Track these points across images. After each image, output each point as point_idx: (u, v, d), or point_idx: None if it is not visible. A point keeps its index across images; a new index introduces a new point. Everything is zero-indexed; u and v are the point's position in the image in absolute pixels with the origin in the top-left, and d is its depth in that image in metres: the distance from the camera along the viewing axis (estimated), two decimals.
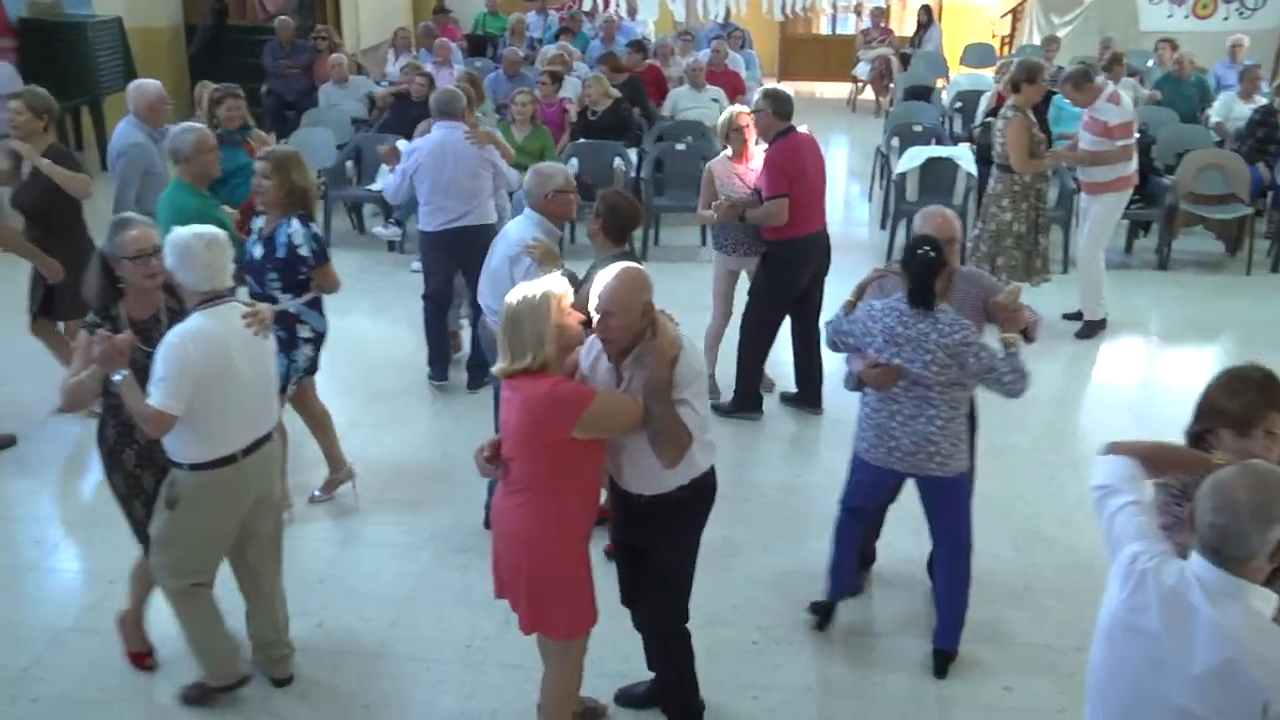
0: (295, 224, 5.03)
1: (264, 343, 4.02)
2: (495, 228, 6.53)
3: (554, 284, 3.50)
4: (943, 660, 4.46)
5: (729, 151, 6.54)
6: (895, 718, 4.20)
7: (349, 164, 10.02)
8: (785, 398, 6.75)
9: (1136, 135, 7.81)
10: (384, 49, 14.12)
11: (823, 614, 4.75)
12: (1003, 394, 4.13)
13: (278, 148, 5.36)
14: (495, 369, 3.55)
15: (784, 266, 6.30)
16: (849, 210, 11.66)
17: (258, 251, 5.10)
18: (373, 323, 8.11)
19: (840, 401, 6.09)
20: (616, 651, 4.30)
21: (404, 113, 9.76)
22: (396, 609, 4.83)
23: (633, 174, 9.83)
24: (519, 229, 5.16)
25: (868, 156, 12.43)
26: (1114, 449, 2.97)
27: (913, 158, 9.65)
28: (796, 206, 6.14)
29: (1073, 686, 4.32)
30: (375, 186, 9.19)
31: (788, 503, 5.71)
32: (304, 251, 5.02)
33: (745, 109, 6.63)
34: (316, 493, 5.64)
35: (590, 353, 3.64)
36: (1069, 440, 6.45)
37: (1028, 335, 4.39)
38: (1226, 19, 15.24)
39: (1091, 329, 7.96)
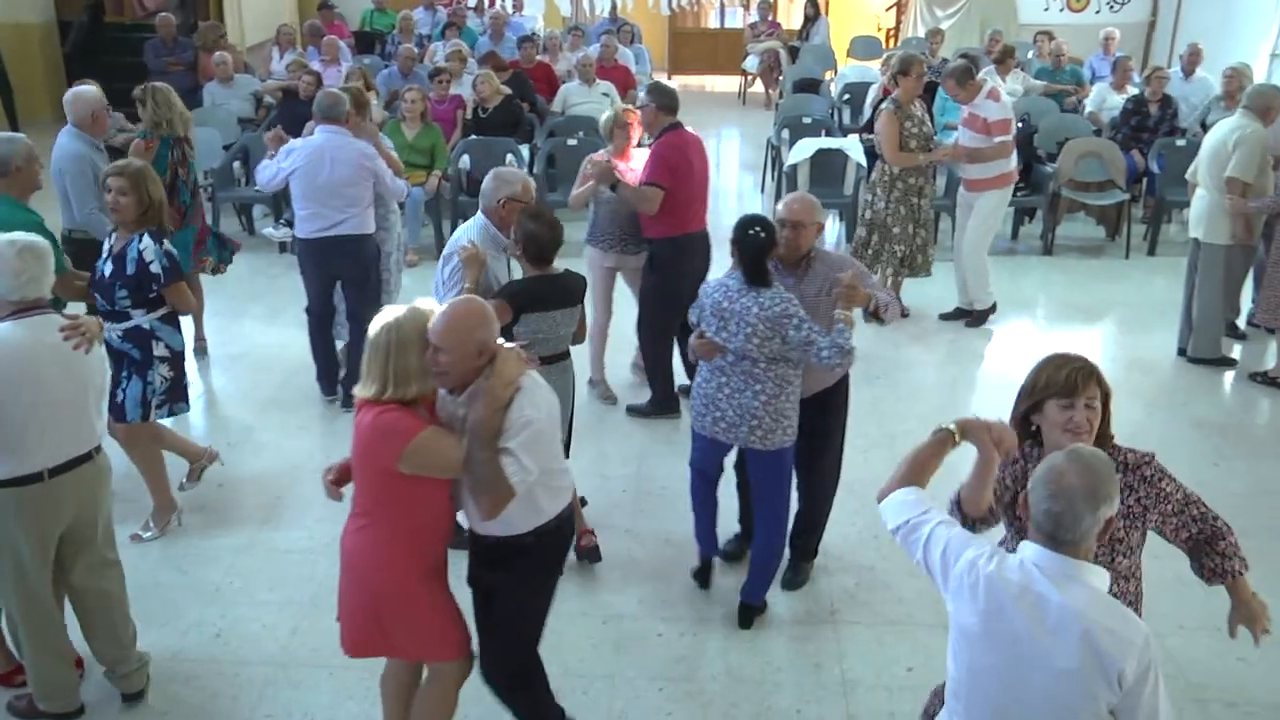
0: (146, 240, 4.83)
1: (86, 357, 3.83)
2: (374, 239, 6.49)
3: (418, 317, 3.34)
4: (747, 613, 4.70)
5: (610, 149, 6.55)
6: (800, 702, 4.26)
7: (236, 165, 9.80)
8: (682, 390, 6.78)
9: (1015, 131, 7.96)
10: (269, 47, 13.83)
11: (699, 576, 4.93)
12: (821, 367, 4.30)
13: (128, 162, 5.11)
14: (354, 390, 3.42)
15: (670, 265, 6.27)
16: (742, 202, 11.77)
17: (107, 269, 4.89)
18: (265, 328, 7.95)
19: None
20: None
21: (291, 112, 9.56)
22: (298, 615, 4.74)
23: (525, 170, 9.79)
24: (464, 230, 5.14)
25: (759, 149, 12.56)
26: (885, 493, 2.96)
27: (803, 149, 9.79)
28: (681, 203, 6.14)
29: None
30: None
31: (688, 497, 5.72)
32: (155, 268, 4.83)
33: (631, 106, 6.65)
34: (141, 532, 5.28)
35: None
36: (925, 418, 6.58)
37: (880, 316, 4.54)
38: (1098, 12, 15.84)
39: (982, 317, 8.14)
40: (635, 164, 6.41)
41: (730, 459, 4.83)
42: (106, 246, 5.00)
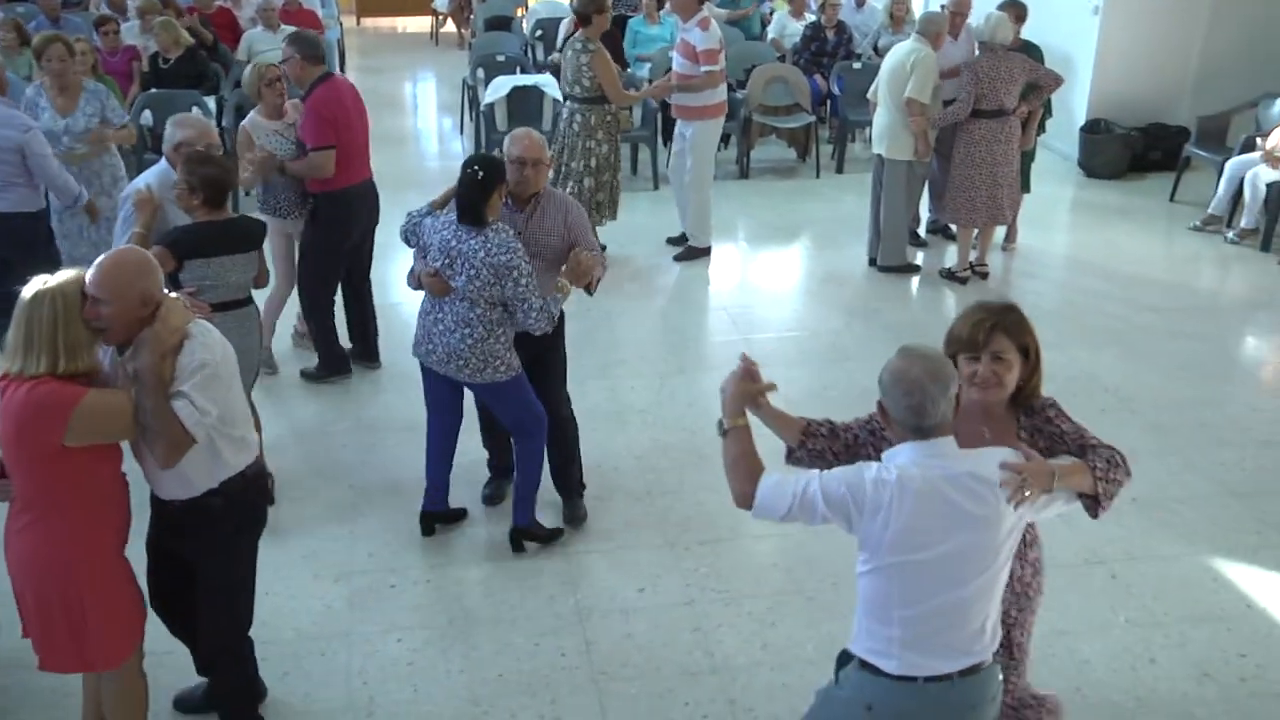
0: None
1: None
2: (40, 216, 6.00)
3: (77, 280, 3.08)
4: (515, 537, 4.79)
5: (260, 110, 6.04)
6: (537, 635, 4.31)
7: None
8: (352, 352, 6.49)
9: (723, 62, 7.99)
10: None
11: (423, 522, 4.90)
12: (521, 326, 4.37)
13: None
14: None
15: (333, 220, 5.98)
16: (444, 145, 11.60)
17: None
18: None
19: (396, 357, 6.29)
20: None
21: None
22: None
23: (214, 123, 9.25)
24: (144, 175, 4.92)
25: (456, 89, 12.37)
26: (746, 500, 2.84)
27: (499, 88, 9.71)
28: (342, 157, 5.84)
29: (698, 579, 4.61)
30: None
31: (405, 446, 5.62)
32: None
33: (274, 62, 6.21)
34: None
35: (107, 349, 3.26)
36: (675, 348, 6.79)
37: (590, 290, 4.64)
38: None
39: (694, 254, 8.22)
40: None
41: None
42: None
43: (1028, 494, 2.64)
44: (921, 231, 8.59)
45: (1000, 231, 8.18)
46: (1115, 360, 6.63)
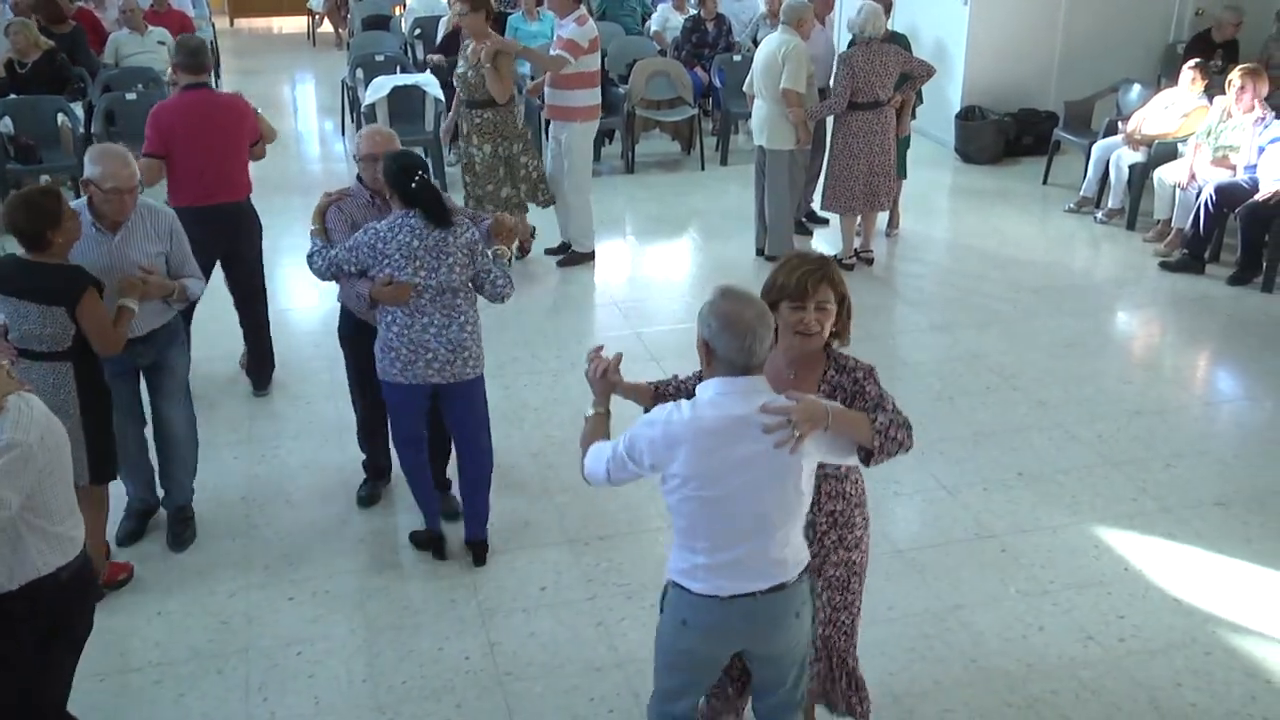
0: None
1: None
2: None
3: None
4: (478, 550, 4.72)
5: None
6: (440, 639, 4.27)
7: None
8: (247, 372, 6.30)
9: (600, 65, 7.95)
10: None
11: (430, 545, 4.77)
12: (491, 296, 4.44)
13: None
14: None
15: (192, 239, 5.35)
16: (326, 147, 11.41)
17: None
18: None
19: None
20: None
21: None
22: None
23: (81, 129, 8.97)
24: None
25: (335, 91, 12.17)
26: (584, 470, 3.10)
27: (379, 88, 9.58)
28: (193, 172, 5.55)
29: (599, 574, 4.63)
30: None
31: (295, 455, 5.55)
32: None
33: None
34: None
35: None
36: (567, 343, 6.78)
37: (524, 248, 4.65)
38: None
39: (578, 259, 8.11)
40: None
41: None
42: None
43: (796, 434, 2.72)
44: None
45: (883, 218, 8.35)
46: (998, 340, 6.82)
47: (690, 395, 3.04)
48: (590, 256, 8.15)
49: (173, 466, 4.85)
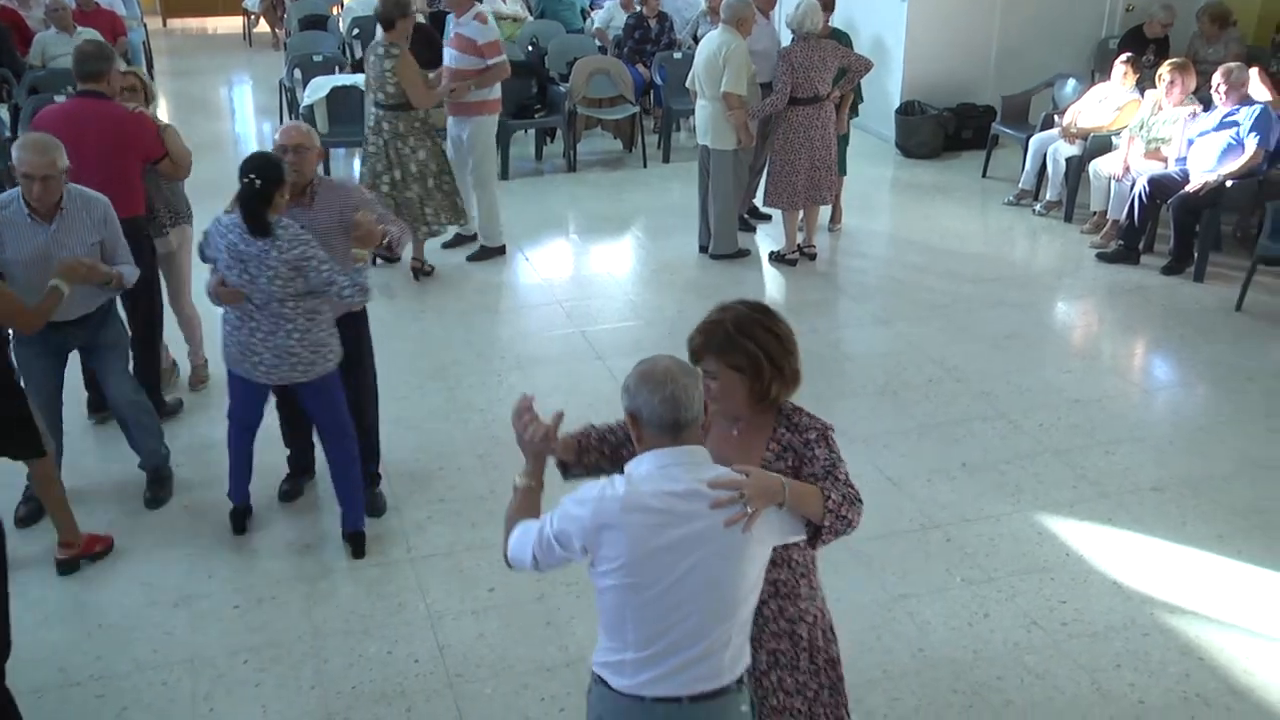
0: None
1: None
2: None
3: None
4: (357, 541, 4.76)
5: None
6: (389, 644, 4.24)
7: None
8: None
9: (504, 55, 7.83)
10: None
11: (234, 520, 4.89)
12: (344, 305, 4.41)
13: None
14: None
15: None
16: (265, 149, 11.25)
17: None
18: None
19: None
20: None
21: None
22: None
23: (8, 133, 8.79)
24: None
25: (273, 91, 12.04)
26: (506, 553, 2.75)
27: (318, 88, 9.51)
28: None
29: (546, 579, 4.60)
30: None
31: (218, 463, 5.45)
32: None
33: (132, 66, 6.04)
34: None
35: None
36: (512, 343, 6.77)
37: (393, 249, 4.66)
38: None
39: (488, 254, 8.11)
40: None
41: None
42: None
43: (749, 511, 2.43)
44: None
45: (826, 213, 8.41)
46: (940, 333, 6.90)
47: (618, 445, 2.88)
48: (501, 251, 8.14)
49: (134, 436, 5.05)
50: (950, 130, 10.66)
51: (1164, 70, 8.04)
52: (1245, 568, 4.67)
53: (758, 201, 8.56)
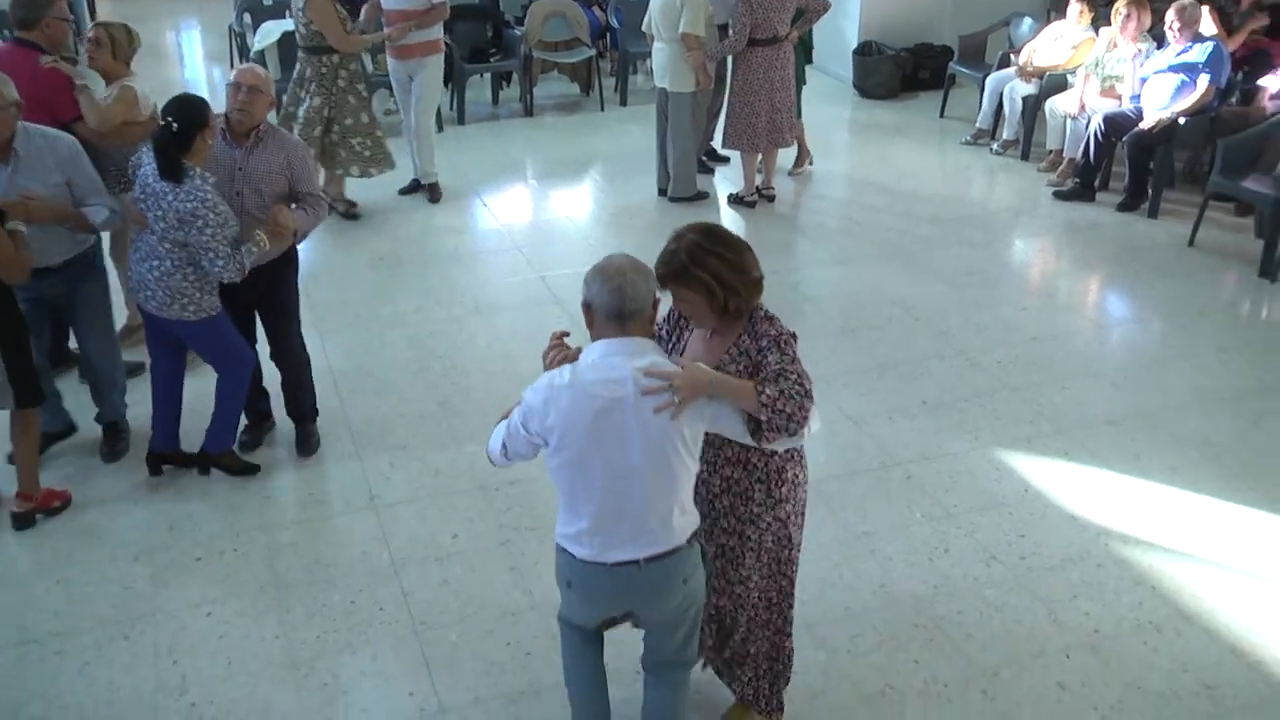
0: None
1: None
2: None
3: None
4: (202, 460, 4.86)
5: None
6: (353, 592, 4.23)
7: None
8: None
9: None
10: None
11: (150, 464, 4.90)
12: (208, 272, 4.38)
13: None
14: None
15: None
16: (216, 96, 11.00)
17: None
18: None
19: None
20: None
21: None
22: None
23: None
24: None
25: (223, 37, 11.80)
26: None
27: (268, 33, 9.33)
28: None
29: (511, 519, 4.63)
30: None
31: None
32: None
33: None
34: None
35: None
36: (471, 289, 6.72)
37: (299, 235, 4.62)
38: None
39: (436, 192, 8.09)
40: None
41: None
42: None
43: (676, 400, 2.71)
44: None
45: (785, 156, 8.37)
46: (898, 272, 6.92)
47: None
48: (437, 189, 8.16)
49: (100, 388, 5.02)
50: (907, 70, 10.62)
51: (1120, 5, 8.03)
52: (1196, 498, 4.76)
53: (716, 144, 8.50)
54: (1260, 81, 7.81)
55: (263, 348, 5.02)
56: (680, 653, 3.19)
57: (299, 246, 4.93)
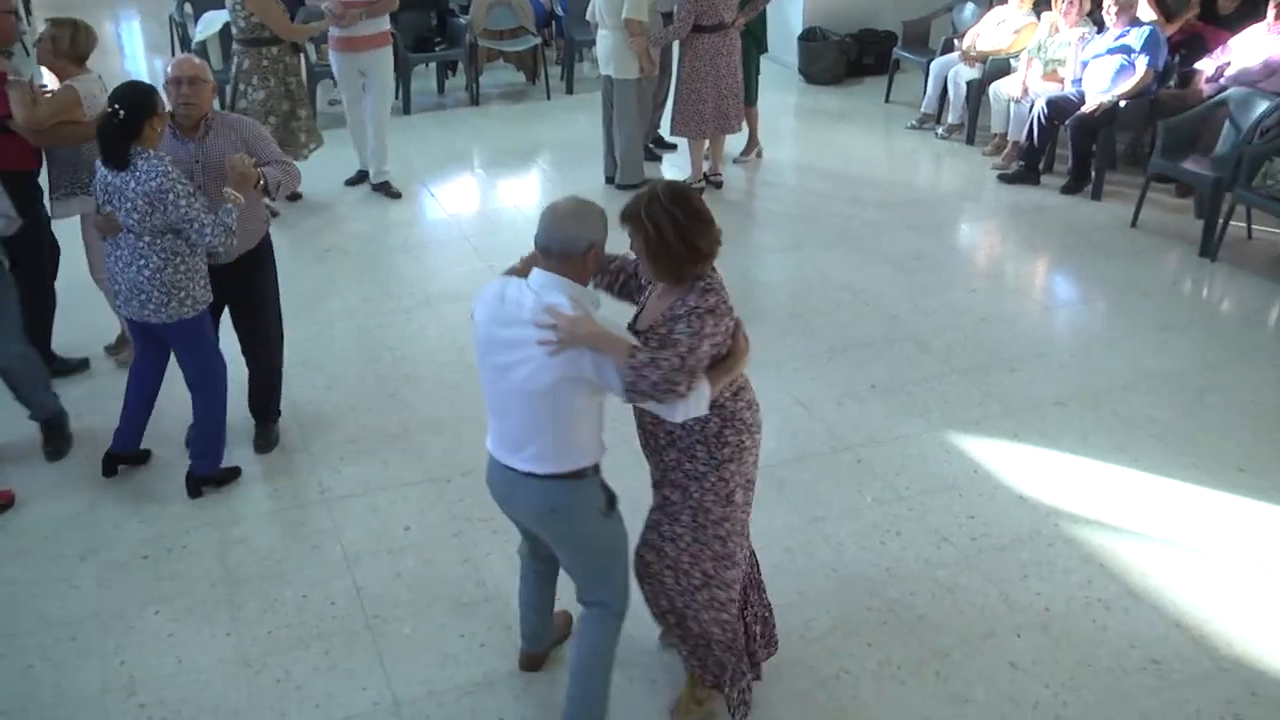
0: None
1: None
2: None
3: None
4: (193, 483, 4.72)
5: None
6: (305, 587, 4.19)
7: None
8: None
9: None
10: None
11: (105, 464, 4.82)
12: (202, 244, 4.28)
13: None
14: None
15: None
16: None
17: None
18: None
19: None
20: None
21: None
22: None
23: None
24: None
25: (163, 26, 11.62)
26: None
27: (210, 23, 9.19)
28: None
29: (463, 510, 4.60)
30: None
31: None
32: None
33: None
34: None
35: None
36: (420, 280, 6.67)
37: (270, 192, 4.53)
38: None
39: (392, 189, 8.00)
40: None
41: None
42: None
43: (557, 339, 2.90)
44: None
45: (732, 142, 8.38)
46: (847, 257, 6.96)
47: (618, 280, 3.45)
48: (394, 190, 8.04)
49: (23, 392, 4.91)
50: (852, 56, 10.67)
51: None
52: (1143, 476, 4.83)
53: (663, 131, 8.49)
54: (1196, 65, 7.93)
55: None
56: (587, 593, 3.37)
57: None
